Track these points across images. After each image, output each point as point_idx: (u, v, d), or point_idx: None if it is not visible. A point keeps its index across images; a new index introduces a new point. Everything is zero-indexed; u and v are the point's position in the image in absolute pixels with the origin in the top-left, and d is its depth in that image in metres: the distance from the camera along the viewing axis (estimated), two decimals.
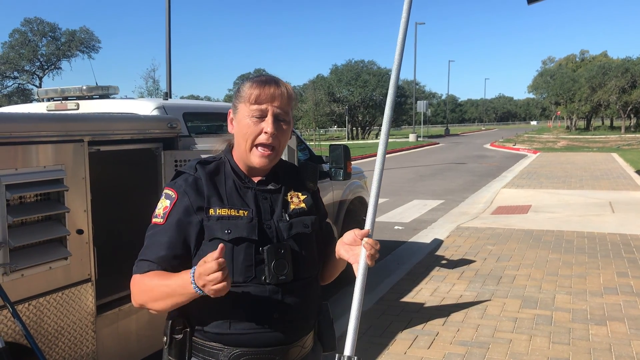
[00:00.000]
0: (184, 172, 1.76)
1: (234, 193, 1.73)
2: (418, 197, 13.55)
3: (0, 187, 2.67)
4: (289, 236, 1.74)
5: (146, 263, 1.67)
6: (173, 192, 1.72)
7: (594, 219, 9.87)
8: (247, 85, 1.74)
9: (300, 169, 1.93)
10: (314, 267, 1.83)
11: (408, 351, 4.36)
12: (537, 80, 70.67)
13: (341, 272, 1.95)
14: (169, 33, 17.63)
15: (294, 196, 1.81)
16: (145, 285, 1.64)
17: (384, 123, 1.80)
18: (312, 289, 1.81)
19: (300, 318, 1.76)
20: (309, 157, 6.04)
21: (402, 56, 1.81)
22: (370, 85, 55.96)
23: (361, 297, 1.66)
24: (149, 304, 1.65)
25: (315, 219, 1.83)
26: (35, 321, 2.88)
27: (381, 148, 1.77)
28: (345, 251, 1.72)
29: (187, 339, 1.72)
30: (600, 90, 60.20)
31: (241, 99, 1.73)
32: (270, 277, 1.66)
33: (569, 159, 23.97)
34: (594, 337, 4.59)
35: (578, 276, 6.33)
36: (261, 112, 1.69)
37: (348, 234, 1.72)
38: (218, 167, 1.77)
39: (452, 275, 6.47)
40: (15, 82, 59.62)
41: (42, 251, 2.93)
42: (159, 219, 1.71)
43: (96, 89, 4.33)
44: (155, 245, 1.69)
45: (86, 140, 3.15)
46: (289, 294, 1.71)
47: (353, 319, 1.62)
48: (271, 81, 1.74)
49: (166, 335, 1.73)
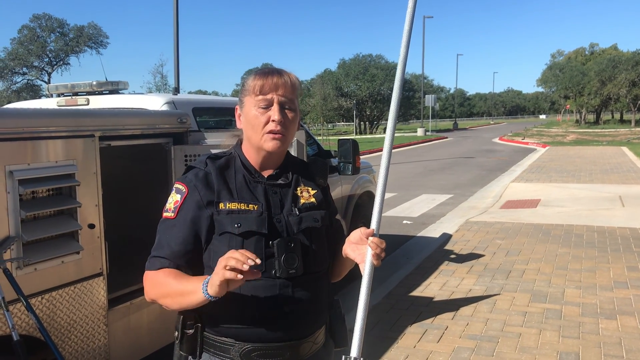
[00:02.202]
0: (195, 167, 1.77)
1: (244, 187, 1.74)
2: (426, 192, 13.53)
3: (14, 182, 2.70)
4: (298, 230, 1.73)
5: (159, 260, 1.68)
6: (183, 186, 1.73)
7: (604, 213, 9.83)
8: (250, 78, 1.74)
9: (309, 164, 1.92)
10: (324, 261, 1.82)
11: (417, 345, 4.37)
12: (546, 73, 70.13)
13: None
14: (177, 28, 17.65)
15: (304, 190, 1.81)
16: (158, 283, 1.66)
17: (390, 119, 1.75)
18: (322, 284, 1.81)
19: (311, 312, 1.76)
20: (318, 152, 6.04)
21: (408, 50, 1.77)
22: (378, 79, 55.80)
23: (368, 297, 1.64)
24: (160, 300, 1.66)
25: (326, 214, 1.83)
26: (48, 314, 2.91)
27: (387, 146, 1.73)
28: (351, 250, 1.71)
29: (198, 334, 1.72)
30: (610, 84, 59.71)
31: (246, 92, 1.74)
32: (280, 270, 1.67)
33: (578, 152, 23.85)
34: (604, 331, 4.58)
35: (588, 270, 6.31)
36: (267, 102, 1.70)
37: (354, 233, 1.71)
38: (228, 161, 1.78)
39: (461, 270, 6.46)
40: (24, 78, 59.97)
41: (55, 245, 2.96)
42: (169, 213, 1.72)
43: (106, 85, 4.34)
44: (167, 241, 1.69)
45: (97, 136, 3.17)
46: (299, 288, 1.71)
47: (359, 319, 1.60)
48: (274, 71, 1.73)
49: (177, 330, 1.73)
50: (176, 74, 17.43)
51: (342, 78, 57.41)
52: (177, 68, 17.44)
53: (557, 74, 67.51)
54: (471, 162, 21.58)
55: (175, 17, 17.68)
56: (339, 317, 1.91)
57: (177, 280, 1.63)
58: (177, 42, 17.66)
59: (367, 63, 58.40)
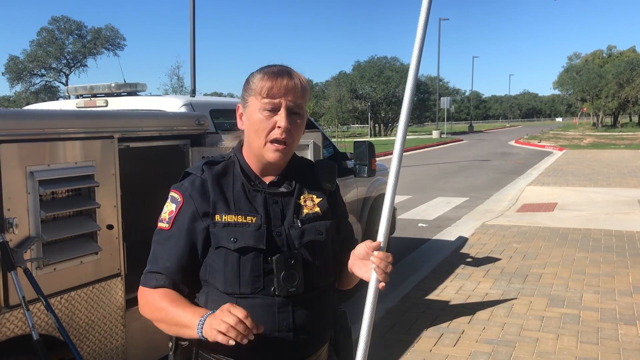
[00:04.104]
0: (191, 173, 1.68)
1: (242, 197, 1.63)
2: (442, 194, 13.46)
3: (34, 182, 2.72)
4: (300, 244, 1.62)
5: (154, 276, 1.61)
6: (179, 195, 1.65)
7: (622, 217, 9.71)
8: (257, 77, 1.62)
9: (316, 166, 1.79)
10: (329, 276, 1.71)
11: (433, 349, 4.35)
12: (562, 76, 69.50)
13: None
14: (194, 30, 17.74)
15: (307, 199, 1.69)
16: (154, 306, 1.58)
17: (401, 123, 1.68)
18: (326, 300, 1.69)
19: (313, 332, 1.65)
20: (334, 154, 6.04)
21: (422, 53, 1.68)
22: (393, 81, 55.69)
23: (371, 319, 1.58)
24: (155, 322, 1.60)
25: (331, 224, 1.70)
26: (67, 314, 2.94)
27: (397, 149, 1.65)
28: (358, 268, 1.61)
29: (192, 348, 1.64)
30: (628, 87, 59.11)
31: (251, 91, 1.62)
32: (279, 289, 1.57)
33: (595, 156, 23.60)
34: (623, 336, 4.53)
35: (606, 275, 6.24)
36: (274, 106, 1.58)
37: (360, 247, 1.60)
38: (226, 167, 1.67)
39: (477, 273, 6.42)
40: (42, 79, 60.74)
41: (74, 246, 2.98)
42: (164, 223, 1.65)
43: (124, 86, 4.38)
44: (162, 255, 1.62)
45: (116, 137, 3.19)
46: (299, 306, 1.61)
47: (362, 344, 1.54)
48: (284, 72, 1.61)
49: (171, 341, 1.65)
50: (192, 76, 17.51)
51: (357, 80, 57.37)
52: (193, 70, 17.52)
53: (574, 77, 66.88)
54: (487, 165, 21.44)
55: (191, 19, 17.77)
56: (345, 331, 1.81)
57: (173, 306, 1.54)
58: (193, 43, 17.75)
59: (382, 65, 58.33)
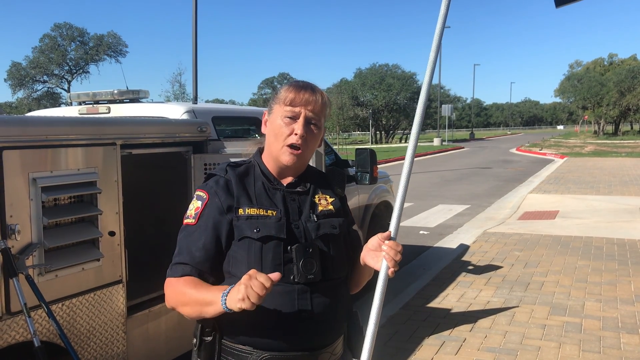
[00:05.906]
0: (215, 174, 1.80)
1: (263, 194, 1.77)
2: (443, 202, 13.46)
3: (37, 189, 2.73)
4: (316, 236, 1.75)
5: (180, 266, 1.70)
6: (204, 193, 1.76)
7: (624, 225, 9.70)
8: (284, 88, 1.79)
9: (328, 175, 1.96)
10: (343, 268, 1.83)
11: (435, 357, 4.33)
12: (564, 84, 69.56)
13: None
14: (195, 37, 17.81)
15: (322, 198, 1.84)
16: (179, 291, 1.67)
17: (415, 124, 1.79)
18: (341, 291, 1.81)
19: (330, 320, 1.75)
20: (335, 161, 6.05)
21: (436, 63, 1.81)
22: (395, 89, 55.72)
23: (381, 301, 1.65)
24: (179, 308, 1.68)
25: (344, 222, 1.85)
26: (68, 321, 2.93)
27: (410, 150, 1.77)
28: (370, 258, 1.72)
29: (216, 342, 1.73)
30: (629, 95, 59.13)
31: (277, 100, 1.78)
32: (298, 275, 1.68)
33: (596, 164, 23.58)
34: (625, 345, 4.51)
35: (608, 283, 6.23)
36: (294, 114, 1.74)
37: (372, 240, 1.72)
38: (248, 169, 1.82)
39: (479, 281, 6.41)
40: (44, 85, 60.88)
41: (75, 252, 2.98)
42: (190, 219, 1.75)
43: (127, 93, 4.38)
44: (188, 248, 1.71)
45: (118, 144, 3.20)
46: (318, 294, 1.71)
47: (371, 324, 1.59)
48: (307, 87, 1.79)
49: (196, 337, 1.74)
50: (194, 83, 17.58)
51: (359, 87, 57.39)
52: (195, 77, 17.59)
53: (575, 85, 66.94)
54: (488, 173, 21.43)
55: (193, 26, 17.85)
56: (357, 329, 1.89)
57: (197, 289, 1.64)
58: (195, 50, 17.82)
59: (383, 72, 58.37)
